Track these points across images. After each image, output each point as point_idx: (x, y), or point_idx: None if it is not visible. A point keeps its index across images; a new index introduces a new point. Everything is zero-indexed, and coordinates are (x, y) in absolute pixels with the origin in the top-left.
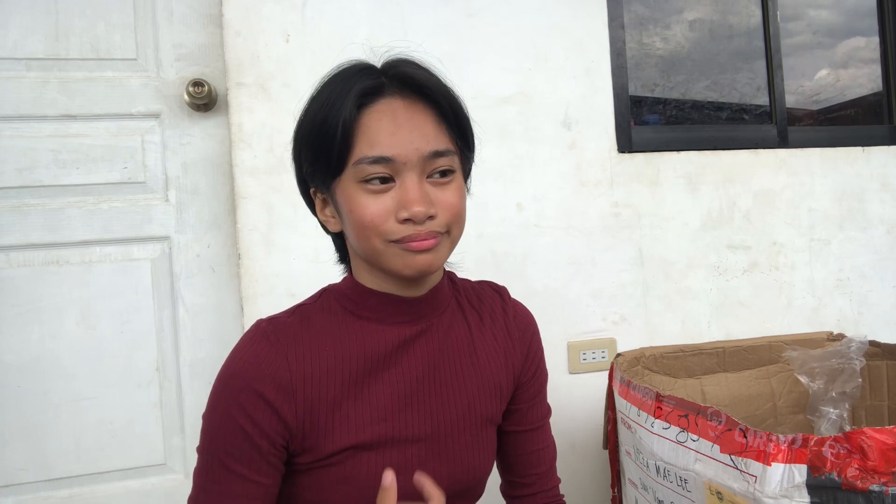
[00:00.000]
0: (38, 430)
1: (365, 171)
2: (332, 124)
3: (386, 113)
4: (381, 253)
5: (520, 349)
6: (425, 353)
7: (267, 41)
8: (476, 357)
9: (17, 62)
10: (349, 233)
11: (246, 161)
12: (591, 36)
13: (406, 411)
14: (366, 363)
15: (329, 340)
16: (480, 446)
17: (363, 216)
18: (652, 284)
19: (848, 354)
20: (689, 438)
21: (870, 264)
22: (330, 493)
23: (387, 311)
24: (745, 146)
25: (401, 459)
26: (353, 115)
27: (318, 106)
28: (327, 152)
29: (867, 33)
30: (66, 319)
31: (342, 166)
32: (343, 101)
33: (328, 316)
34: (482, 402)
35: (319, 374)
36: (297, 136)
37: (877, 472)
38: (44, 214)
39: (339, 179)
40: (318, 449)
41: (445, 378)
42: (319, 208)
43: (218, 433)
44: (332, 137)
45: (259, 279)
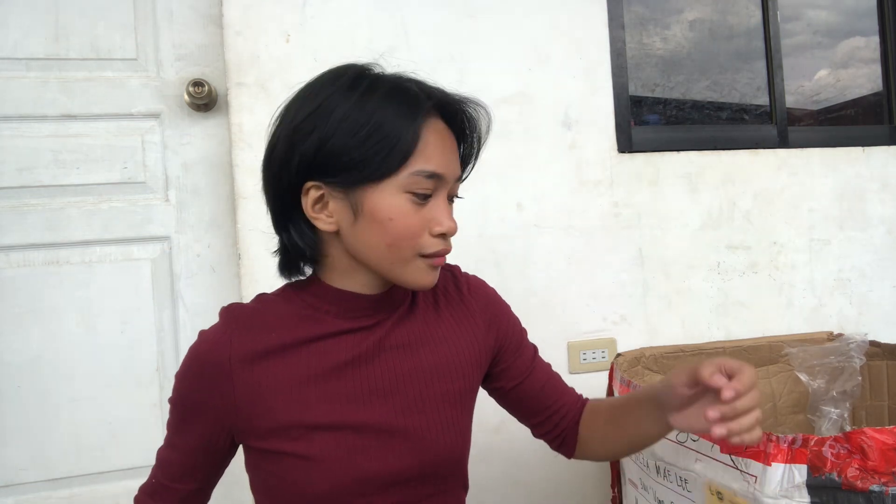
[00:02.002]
0: (38, 430)
1: (419, 183)
2: (399, 131)
3: (440, 132)
4: (406, 263)
5: (482, 320)
6: (375, 343)
7: (267, 41)
8: (434, 342)
9: (17, 62)
10: (370, 237)
11: (246, 161)
12: (592, 36)
13: (359, 394)
14: (319, 350)
15: (284, 326)
16: (447, 428)
17: (406, 226)
18: (652, 284)
19: (848, 353)
20: (690, 438)
21: (870, 264)
22: (295, 473)
23: (348, 306)
24: (745, 146)
25: (361, 442)
26: (420, 127)
27: (372, 108)
28: (382, 156)
29: (867, 33)
30: (66, 319)
31: (392, 173)
32: (415, 111)
33: (287, 306)
34: (444, 383)
35: (266, 356)
36: (325, 129)
37: (877, 472)
38: (44, 214)
39: (378, 185)
40: (265, 428)
41: (399, 365)
42: (309, 204)
43: (174, 398)
44: (395, 143)
45: (259, 279)
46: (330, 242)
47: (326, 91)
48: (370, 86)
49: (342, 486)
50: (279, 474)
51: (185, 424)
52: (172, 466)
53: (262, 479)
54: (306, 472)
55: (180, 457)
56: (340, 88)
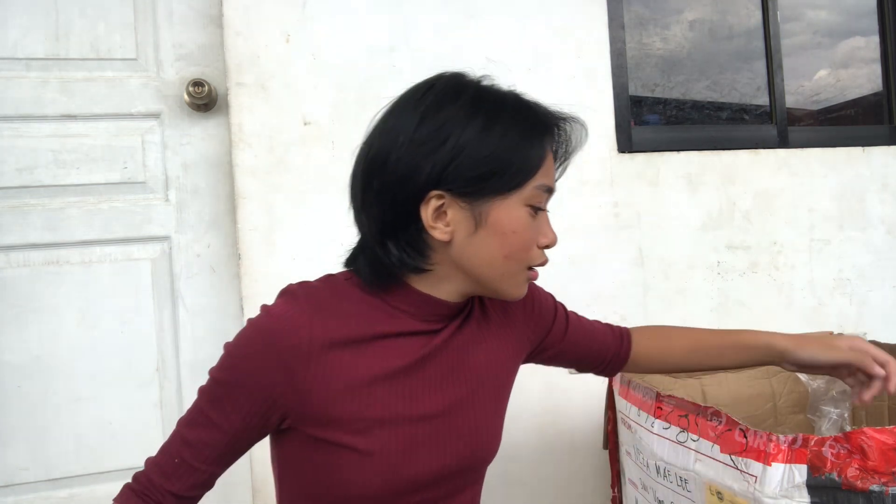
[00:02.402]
0: (38, 430)
1: (539, 197)
2: (529, 147)
3: (552, 152)
4: (512, 275)
5: (521, 318)
6: (444, 345)
7: (267, 41)
8: (484, 342)
9: (17, 62)
10: (487, 248)
11: (246, 161)
12: (591, 36)
13: (420, 392)
14: (391, 347)
15: (360, 317)
16: (490, 425)
17: (524, 238)
18: (652, 284)
19: None
20: (690, 438)
21: (870, 264)
22: (349, 467)
23: (429, 311)
24: (745, 146)
25: (416, 440)
26: (546, 144)
27: (504, 125)
28: (513, 171)
29: (867, 33)
30: (66, 319)
31: (519, 187)
32: (542, 130)
33: (362, 296)
34: (490, 381)
35: (342, 345)
36: (458, 142)
37: (877, 472)
38: (44, 214)
39: (505, 197)
40: (328, 417)
41: (464, 365)
42: (429, 214)
43: (226, 375)
44: (525, 160)
45: (259, 279)
46: (437, 251)
47: (450, 104)
48: (496, 101)
49: (393, 482)
50: (329, 466)
51: (233, 403)
52: (206, 447)
53: (304, 470)
54: (360, 467)
55: (219, 436)
56: (467, 104)
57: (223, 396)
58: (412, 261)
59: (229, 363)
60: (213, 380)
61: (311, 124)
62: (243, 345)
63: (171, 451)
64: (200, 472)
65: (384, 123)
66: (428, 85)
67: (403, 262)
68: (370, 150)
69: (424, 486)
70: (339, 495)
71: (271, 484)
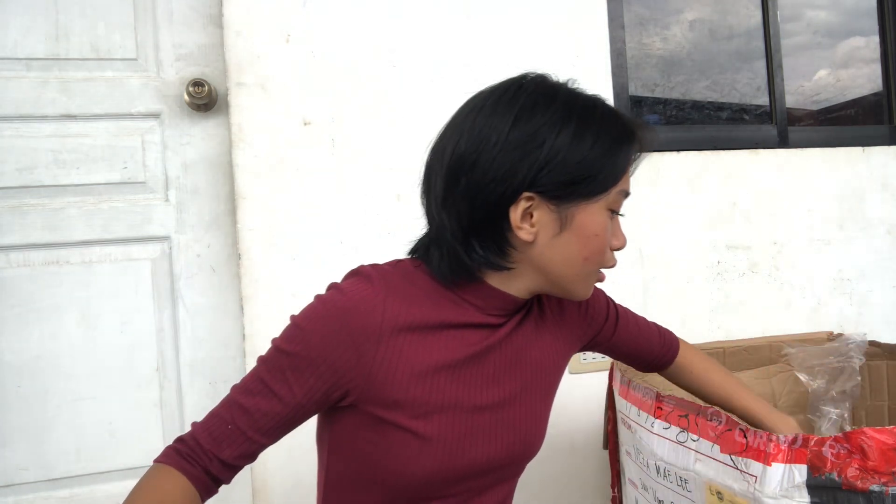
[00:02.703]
0: (38, 430)
1: (619, 202)
2: (617, 154)
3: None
4: (586, 277)
5: (575, 317)
6: (506, 338)
7: (267, 41)
8: (539, 339)
9: (17, 62)
10: (567, 250)
11: (246, 161)
12: (591, 36)
13: (479, 382)
14: (457, 337)
15: (430, 304)
16: (540, 420)
17: (604, 241)
18: (652, 284)
19: (847, 353)
20: (690, 438)
21: (870, 264)
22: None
23: (498, 305)
24: (745, 146)
25: (472, 430)
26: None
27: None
28: (603, 177)
29: (867, 33)
30: (66, 319)
31: (605, 192)
32: (630, 137)
33: (430, 282)
34: (543, 378)
35: (413, 330)
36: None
37: (877, 472)
38: (44, 214)
39: (592, 202)
40: (392, 399)
41: (521, 359)
42: (518, 214)
43: (294, 347)
44: (614, 166)
45: (259, 279)
46: (519, 251)
47: (544, 108)
48: (586, 108)
49: (446, 468)
50: (386, 447)
51: (298, 375)
52: (263, 416)
53: (358, 449)
54: (417, 450)
55: (279, 407)
56: (560, 109)
57: (288, 369)
58: (495, 259)
59: (300, 336)
60: (279, 350)
61: (311, 124)
62: (317, 320)
63: (224, 416)
64: (251, 442)
65: (470, 122)
66: (516, 86)
67: (487, 260)
68: (456, 148)
69: (473, 475)
70: (391, 478)
71: (271, 484)
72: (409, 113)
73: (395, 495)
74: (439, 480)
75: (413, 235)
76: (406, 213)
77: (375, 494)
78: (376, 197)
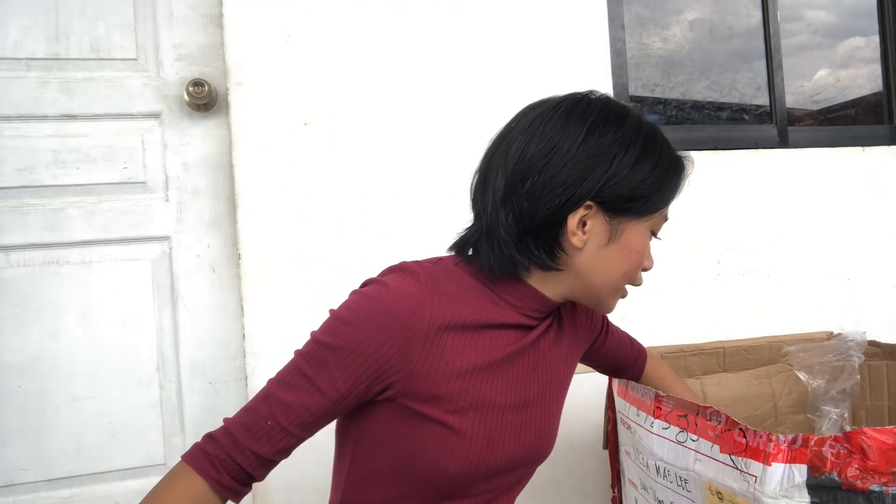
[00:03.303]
0: (38, 430)
1: (660, 225)
2: (671, 180)
3: None
4: (618, 291)
5: (584, 326)
6: (536, 342)
7: (267, 41)
8: (560, 343)
9: (17, 62)
10: (609, 262)
11: (246, 161)
12: (591, 36)
13: (509, 383)
14: (495, 336)
15: (473, 304)
16: (556, 419)
17: (641, 259)
18: (652, 284)
19: (847, 351)
20: (689, 438)
21: (870, 264)
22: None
23: (531, 305)
24: (745, 146)
25: (502, 428)
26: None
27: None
28: (657, 198)
29: (867, 33)
30: (66, 319)
31: (655, 212)
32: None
33: (470, 280)
34: (560, 380)
35: (457, 328)
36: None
37: (877, 472)
38: (44, 214)
39: (641, 220)
40: (431, 394)
41: (543, 363)
42: (574, 222)
43: (338, 340)
44: (667, 189)
45: (259, 279)
46: (568, 256)
47: (616, 127)
48: (649, 135)
49: (476, 464)
50: (420, 439)
51: (342, 369)
52: (305, 411)
53: (390, 442)
54: (450, 444)
55: (321, 402)
56: (629, 131)
57: (332, 363)
58: (545, 260)
59: (345, 330)
60: (322, 344)
61: (311, 124)
62: (363, 314)
63: (262, 412)
64: (291, 437)
65: (539, 128)
66: (587, 101)
67: (539, 260)
68: (525, 151)
69: (498, 473)
70: (422, 471)
71: (271, 484)
72: (408, 113)
73: (423, 491)
74: (468, 477)
75: (413, 235)
76: (406, 212)
77: (403, 488)
78: (376, 197)
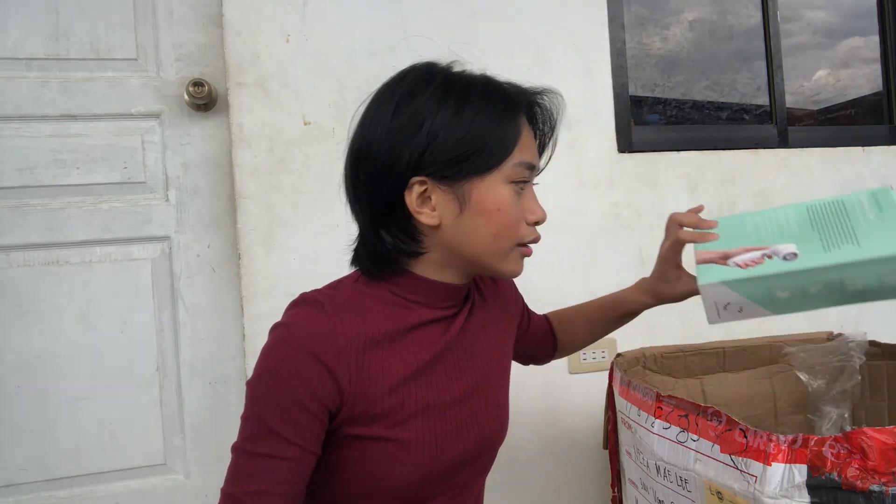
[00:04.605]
0: (38, 430)
1: (520, 174)
2: (502, 126)
3: (528, 128)
4: (505, 253)
5: (513, 303)
6: (457, 331)
7: (267, 41)
8: (490, 326)
9: (17, 62)
10: (475, 227)
11: (246, 161)
12: (591, 36)
13: (445, 380)
14: (416, 340)
15: (381, 315)
16: (503, 406)
17: (511, 215)
18: None
19: (848, 352)
20: (690, 438)
21: None
22: (388, 459)
23: (437, 297)
24: (745, 146)
25: (448, 426)
26: (520, 122)
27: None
28: (489, 150)
29: (867, 33)
30: (66, 319)
31: (498, 165)
32: (515, 108)
33: (376, 293)
34: (501, 364)
35: (376, 343)
36: (432, 127)
37: (877, 472)
38: (44, 214)
39: (485, 177)
40: (369, 415)
41: (476, 349)
42: (414, 199)
43: (271, 399)
44: (500, 138)
45: (259, 279)
46: (429, 236)
47: (422, 92)
48: (466, 85)
49: (427, 469)
50: (366, 461)
51: (295, 425)
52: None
53: (338, 471)
54: (398, 457)
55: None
56: (438, 89)
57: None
58: (406, 246)
59: (273, 385)
60: (260, 419)
61: (311, 124)
62: (282, 360)
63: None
64: None
65: (364, 117)
66: (401, 75)
67: (399, 248)
68: (354, 144)
69: (456, 469)
70: (383, 487)
71: None
72: None
73: (394, 502)
74: (425, 482)
75: None
76: None
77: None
78: None
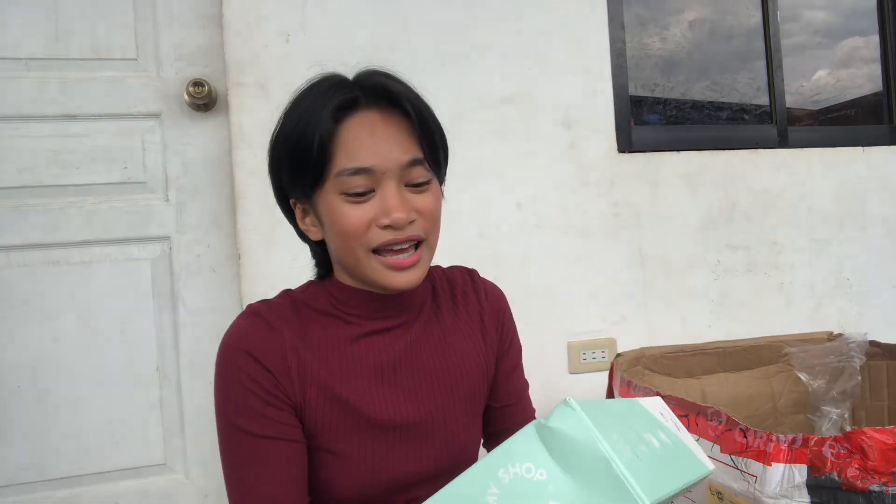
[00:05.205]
0: (38, 430)
1: (346, 183)
2: (310, 138)
3: (364, 125)
4: (363, 263)
5: (494, 325)
6: (406, 345)
7: (267, 41)
8: (457, 343)
9: (17, 62)
10: (332, 242)
11: (246, 161)
12: (591, 36)
13: (391, 398)
14: (351, 353)
15: (317, 328)
16: (467, 428)
17: (345, 225)
18: (652, 284)
19: (848, 352)
20: None
21: (870, 264)
22: (328, 470)
23: (369, 308)
24: (745, 146)
25: (394, 442)
26: (332, 129)
27: (295, 120)
28: (307, 165)
29: (866, 33)
30: (66, 319)
31: (323, 178)
32: (321, 115)
33: (316, 301)
34: (465, 384)
35: (309, 355)
36: (274, 149)
37: (877, 472)
38: (44, 214)
39: (320, 190)
40: (311, 424)
41: (428, 367)
42: (300, 218)
43: (229, 403)
44: (310, 151)
45: (259, 279)
46: (329, 249)
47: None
48: (297, 98)
49: (371, 485)
50: (318, 468)
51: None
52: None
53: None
54: (339, 469)
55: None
56: (287, 109)
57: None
58: (317, 257)
59: (233, 389)
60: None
61: None
62: (226, 364)
63: None
64: None
65: None
66: None
67: (319, 258)
68: None
69: (404, 488)
70: (330, 496)
71: None
72: None
73: None
74: (371, 495)
75: None
76: None
77: None
78: None
